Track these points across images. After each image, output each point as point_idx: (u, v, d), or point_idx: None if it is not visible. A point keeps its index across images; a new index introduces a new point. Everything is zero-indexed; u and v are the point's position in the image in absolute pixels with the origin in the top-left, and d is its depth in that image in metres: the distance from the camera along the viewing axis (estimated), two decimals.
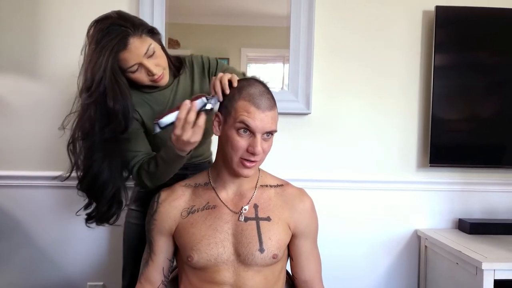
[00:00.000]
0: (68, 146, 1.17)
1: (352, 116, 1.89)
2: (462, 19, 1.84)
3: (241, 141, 1.03)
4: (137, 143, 1.23)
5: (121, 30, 1.10)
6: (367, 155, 1.90)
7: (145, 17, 1.74)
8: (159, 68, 1.18)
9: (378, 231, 1.91)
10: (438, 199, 1.92)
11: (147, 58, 1.15)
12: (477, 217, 1.92)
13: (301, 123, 1.87)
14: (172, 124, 1.06)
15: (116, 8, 1.22)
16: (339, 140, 1.89)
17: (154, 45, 1.16)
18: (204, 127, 1.07)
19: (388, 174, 1.90)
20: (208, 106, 1.06)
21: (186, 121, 1.03)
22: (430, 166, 1.86)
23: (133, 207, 1.39)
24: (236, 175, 1.10)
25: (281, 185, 1.19)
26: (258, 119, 1.02)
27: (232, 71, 1.26)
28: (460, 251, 1.55)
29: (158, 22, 1.76)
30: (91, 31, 1.14)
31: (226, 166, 1.11)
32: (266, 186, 1.18)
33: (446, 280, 1.70)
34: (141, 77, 1.18)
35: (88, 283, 1.84)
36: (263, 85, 1.09)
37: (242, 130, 1.03)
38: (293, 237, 1.16)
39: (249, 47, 1.89)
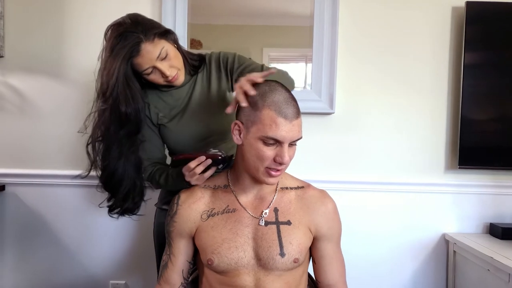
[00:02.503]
0: (86, 146, 1.24)
1: (377, 115, 1.84)
2: (494, 15, 1.77)
3: (268, 152, 1.01)
4: (148, 150, 1.30)
5: (133, 37, 1.13)
6: (393, 156, 1.85)
7: (168, 18, 1.75)
8: (173, 69, 1.21)
9: (404, 234, 1.86)
10: (467, 202, 1.86)
11: (160, 61, 1.18)
12: (509, 222, 1.85)
13: (324, 123, 1.83)
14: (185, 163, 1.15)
15: (140, 9, 1.24)
16: (363, 140, 1.85)
17: (168, 47, 1.19)
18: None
19: (415, 176, 1.85)
20: (220, 167, 1.15)
21: (193, 171, 1.12)
22: (459, 168, 1.80)
23: (163, 207, 1.40)
24: (259, 182, 1.09)
25: (302, 187, 1.17)
26: (286, 130, 0.99)
27: (250, 64, 1.28)
28: (491, 257, 1.49)
29: (180, 22, 1.76)
30: (107, 35, 1.18)
31: (247, 172, 1.09)
32: (287, 188, 1.15)
33: (476, 287, 1.63)
34: (156, 78, 1.22)
35: (111, 282, 1.86)
36: (286, 89, 1.05)
37: (269, 141, 1.00)
38: (315, 240, 1.14)
39: (271, 47, 1.87)
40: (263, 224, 1.09)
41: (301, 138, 1.04)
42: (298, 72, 1.87)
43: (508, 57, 1.79)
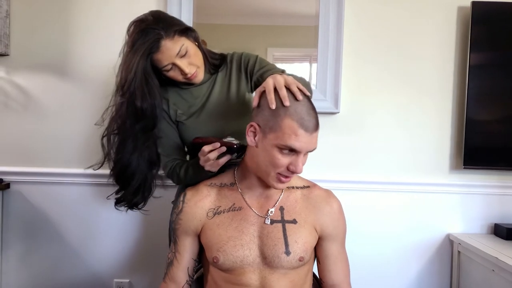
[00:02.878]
0: (102, 138, 1.26)
1: (382, 115, 1.84)
2: (500, 15, 1.77)
3: (283, 160, 1.01)
4: (168, 145, 1.31)
5: (154, 33, 1.14)
6: (398, 156, 1.85)
7: None
8: (192, 67, 1.22)
9: (409, 234, 1.86)
10: (472, 202, 1.85)
11: (180, 58, 1.19)
12: None
13: (329, 123, 1.83)
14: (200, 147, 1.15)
15: (146, 8, 1.25)
16: (368, 140, 1.85)
17: (187, 44, 1.19)
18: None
19: (420, 176, 1.85)
20: (234, 156, 1.15)
21: (207, 156, 1.11)
22: (464, 168, 1.80)
23: None
24: (268, 185, 1.08)
25: (308, 187, 1.17)
26: (305, 141, 0.99)
27: (271, 68, 1.28)
28: (496, 258, 1.49)
29: (185, 22, 1.75)
30: (129, 31, 1.19)
31: (256, 173, 1.09)
32: (293, 187, 1.15)
33: None
34: (175, 75, 1.23)
35: (115, 280, 1.87)
36: (308, 98, 1.03)
37: (285, 149, 1.00)
38: (320, 240, 1.14)
39: (275, 47, 1.87)
40: (268, 222, 1.09)
41: (316, 148, 1.04)
42: (303, 72, 1.86)
43: None
